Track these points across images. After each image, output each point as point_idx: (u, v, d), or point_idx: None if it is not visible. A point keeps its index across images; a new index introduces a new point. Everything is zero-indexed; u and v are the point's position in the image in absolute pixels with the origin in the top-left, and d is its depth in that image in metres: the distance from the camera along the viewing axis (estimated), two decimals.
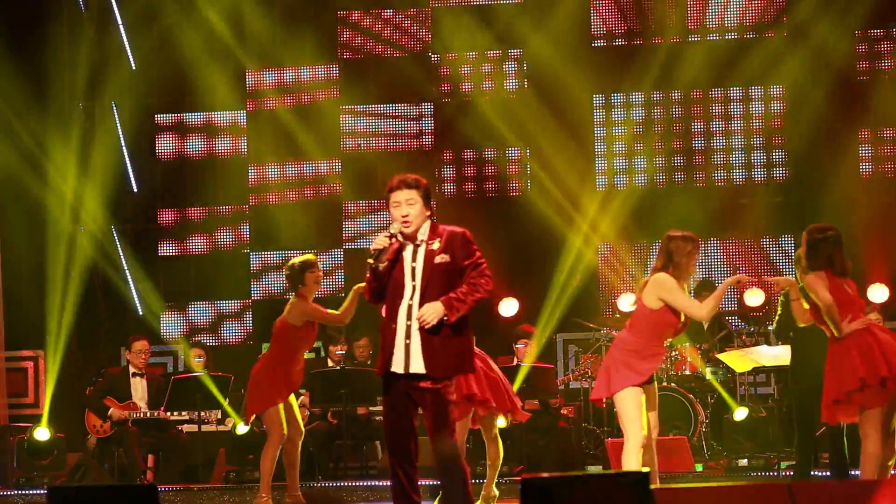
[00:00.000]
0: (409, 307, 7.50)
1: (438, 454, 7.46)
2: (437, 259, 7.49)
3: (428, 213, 7.56)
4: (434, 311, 7.41)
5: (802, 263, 8.93)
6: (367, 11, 16.06)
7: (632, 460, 8.62)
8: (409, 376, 7.48)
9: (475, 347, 9.26)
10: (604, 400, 9.01)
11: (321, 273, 10.62)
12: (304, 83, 16.09)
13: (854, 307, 8.79)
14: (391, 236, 7.50)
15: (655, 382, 8.86)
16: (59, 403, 14.57)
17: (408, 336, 7.48)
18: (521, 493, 5.59)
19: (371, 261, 7.50)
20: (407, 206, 7.52)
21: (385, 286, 7.58)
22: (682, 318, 8.67)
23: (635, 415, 8.60)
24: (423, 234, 7.56)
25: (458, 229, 7.61)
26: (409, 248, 7.57)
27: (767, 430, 12.69)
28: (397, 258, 7.54)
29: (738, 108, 15.57)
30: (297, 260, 10.54)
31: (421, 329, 7.44)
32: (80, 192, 15.93)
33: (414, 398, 7.51)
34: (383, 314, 7.73)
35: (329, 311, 10.41)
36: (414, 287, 7.51)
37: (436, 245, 7.52)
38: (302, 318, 10.35)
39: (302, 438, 10.68)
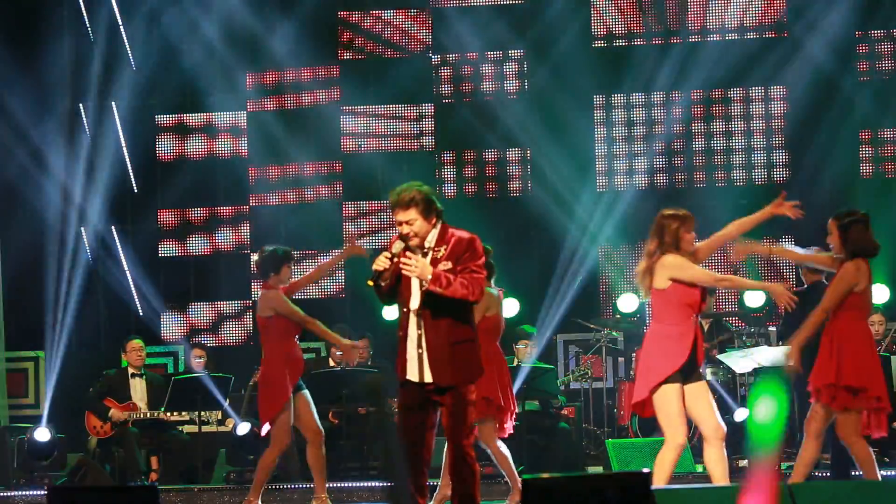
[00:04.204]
0: (419, 317, 7.53)
1: (453, 454, 7.50)
2: (440, 267, 7.50)
3: (433, 220, 7.58)
4: (420, 269, 7.42)
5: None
6: (368, 12, 16.06)
7: (664, 467, 8.47)
8: (425, 383, 7.55)
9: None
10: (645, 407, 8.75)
11: None
12: (305, 84, 16.09)
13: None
14: (392, 257, 7.52)
15: (704, 380, 8.64)
16: (59, 403, 14.57)
17: (419, 346, 7.53)
18: (521, 493, 5.59)
19: (370, 282, 7.55)
20: (407, 226, 7.56)
21: (394, 289, 7.62)
22: (700, 291, 8.59)
23: (675, 418, 8.44)
24: (430, 241, 7.59)
25: (465, 235, 7.62)
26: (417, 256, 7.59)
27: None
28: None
29: (738, 108, 15.57)
30: (275, 247, 10.37)
31: (430, 339, 7.49)
32: (81, 192, 15.93)
33: (434, 399, 7.56)
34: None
35: (297, 309, 10.22)
36: (421, 296, 7.53)
37: (441, 252, 7.53)
38: (270, 310, 10.18)
39: (322, 438, 10.45)
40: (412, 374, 7.57)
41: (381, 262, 7.53)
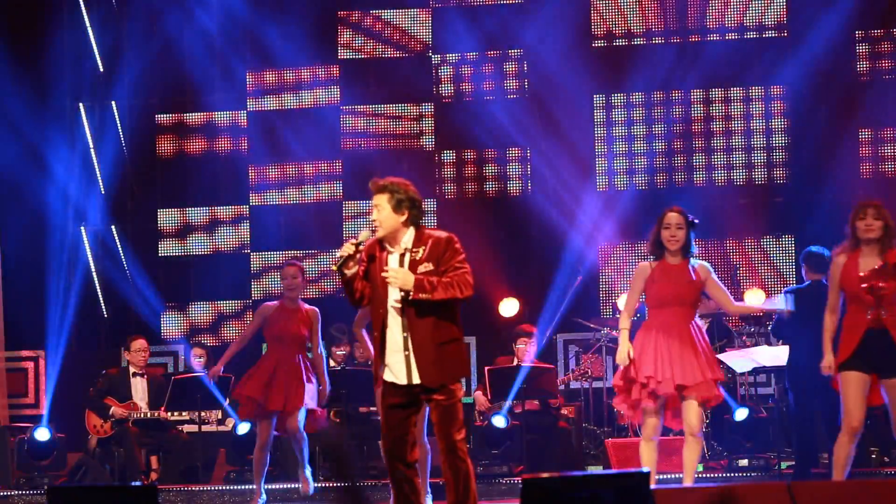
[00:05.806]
0: (403, 319, 7.48)
1: (446, 449, 7.48)
2: (421, 269, 7.45)
3: (402, 218, 7.50)
4: (402, 280, 7.38)
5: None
6: (368, 11, 16.06)
7: (840, 453, 8.75)
8: (413, 385, 7.50)
9: None
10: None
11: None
12: (305, 83, 16.09)
13: None
14: (357, 244, 7.50)
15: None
16: (59, 403, 14.56)
17: (405, 348, 7.47)
18: (521, 493, 5.59)
19: (335, 268, 7.54)
20: (376, 210, 7.54)
21: (364, 294, 7.59)
22: (862, 273, 8.67)
23: (848, 403, 8.65)
24: (406, 241, 7.53)
25: (443, 235, 7.55)
26: (395, 257, 7.55)
27: (767, 430, 12.68)
28: (373, 265, 7.53)
29: (738, 108, 15.56)
30: None
31: (416, 341, 7.44)
32: (81, 191, 15.93)
33: (421, 398, 7.52)
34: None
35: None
36: (401, 298, 7.47)
37: (420, 254, 7.48)
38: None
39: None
40: (399, 377, 7.49)
41: (346, 249, 7.52)
